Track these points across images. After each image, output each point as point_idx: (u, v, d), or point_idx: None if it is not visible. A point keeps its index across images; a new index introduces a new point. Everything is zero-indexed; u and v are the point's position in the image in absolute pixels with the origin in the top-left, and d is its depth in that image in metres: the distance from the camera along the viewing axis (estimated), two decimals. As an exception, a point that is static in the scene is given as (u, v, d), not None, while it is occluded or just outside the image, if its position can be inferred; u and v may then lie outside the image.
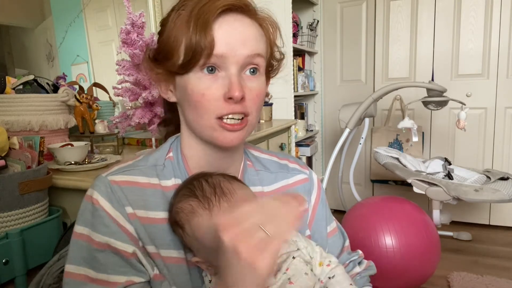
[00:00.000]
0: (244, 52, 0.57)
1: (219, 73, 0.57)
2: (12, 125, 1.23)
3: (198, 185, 0.58)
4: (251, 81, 0.59)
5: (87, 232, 0.58)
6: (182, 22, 0.57)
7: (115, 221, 0.57)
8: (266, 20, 0.62)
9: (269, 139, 2.08)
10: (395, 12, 2.81)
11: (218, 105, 0.57)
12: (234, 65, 0.57)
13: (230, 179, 0.60)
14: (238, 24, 0.57)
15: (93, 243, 0.57)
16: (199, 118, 0.59)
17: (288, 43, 2.48)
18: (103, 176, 0.60)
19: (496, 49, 2.58)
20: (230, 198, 0.56)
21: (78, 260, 0.58)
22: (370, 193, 3.10)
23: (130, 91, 1.18)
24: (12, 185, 0.95)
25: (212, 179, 0.59)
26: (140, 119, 1.17)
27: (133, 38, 1.11)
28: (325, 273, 0.64)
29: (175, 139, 0.68)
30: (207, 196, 0.56)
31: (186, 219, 0.56)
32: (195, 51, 0.55)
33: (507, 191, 1.96)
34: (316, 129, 3.23)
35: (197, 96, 0.57)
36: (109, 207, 0.58)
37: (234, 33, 0.57)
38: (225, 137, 0.58)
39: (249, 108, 0.58)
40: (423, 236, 1.78)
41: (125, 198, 0.58)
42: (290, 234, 0.46)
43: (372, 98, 2.28)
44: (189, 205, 0.57)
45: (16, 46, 1.58)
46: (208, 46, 0.55)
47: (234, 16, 0.58)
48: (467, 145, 2.75)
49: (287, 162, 0.76)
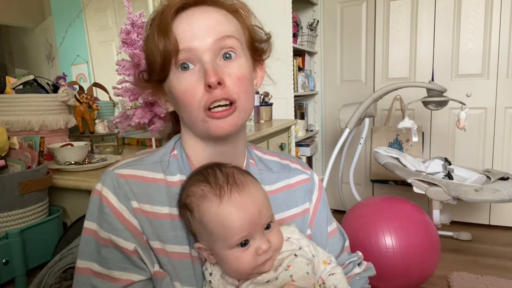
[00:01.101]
0: (210, 38, 0.57)
1: (194, 67, 0.58)
2: (12, 125, 1.23)
3: (212, 172, 0.59)
4: (229, 66, 0.58)
5: (94, 227, 0.59)
6: (152, 35, 0.59)
7: (120, 216, 0.58)
8: (234, 5, 0.62)
9: (269, 139, 2.08)
10: (395, 12, 2.81)
11: (200, 97, 0.57)
12: (205, 54, 0.57)
13: (244, 172, 0.61)
14: (198, 15, 0.58)
15: (99, 238, 0.59)
16: (189, 115, 0.59)
17: (288, 43, 2.48)
18: (110, 170, 0.61)
19: (496, 49, 2.58)
20: (242, 189, 0.57)
21: (85, 254, 0.59)
22: (370, 193, 3.10)
23: (130, 91, 1.18)
24: (12, 185, 0.95)
25: (227, 169, 0.59)
26: (140, 119, 1.17)
27: (133, 38, 1.11)
28: (327, 271, 0.65)
29: (179, 138, 0.68)
30: (220, 184, 0.57)
31: (196, 203, 0.57)
32: (165, 54, 0.57)
33: (507, 191, 1.95)
34: (316, 129, 3.23)
35: (181, 94, 0.58)
36: (115, 201, 0.59)
37: (195, 24, 0.57)
38: (216, 126, 0.58)
39: (234, 93, 0.57)
40: (423, 236, 1.78)
41: (131, 192, 0.59)
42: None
43: (372, 98, 2.28)
44: (200, 190, 0.57)
45: (16, 46, 1.58)
46: (174, 45, 0.57)
47: (193, 10, 0.59)
48: (467, 145, 2.75)
49: (289, 162, 0.76)
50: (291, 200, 0.72)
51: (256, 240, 0.56)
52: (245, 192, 0.57)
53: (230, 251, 0.56)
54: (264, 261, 0.57)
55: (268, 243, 0.57)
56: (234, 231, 0.55)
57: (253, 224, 0.56)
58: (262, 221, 0.57)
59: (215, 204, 0.56)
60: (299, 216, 0.72)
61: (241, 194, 0.56)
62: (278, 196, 0.71)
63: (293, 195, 0.72)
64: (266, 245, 0.56)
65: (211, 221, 0.56)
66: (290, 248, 0.61)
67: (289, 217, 0.71)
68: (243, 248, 0.56)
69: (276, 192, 0.71)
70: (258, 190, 0.59)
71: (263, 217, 0.57)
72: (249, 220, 0.55)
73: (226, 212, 0.55)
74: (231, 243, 0.55)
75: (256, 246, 0.56)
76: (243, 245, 0.56)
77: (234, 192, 0.56)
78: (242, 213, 0.55)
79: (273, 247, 0.58)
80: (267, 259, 0.57)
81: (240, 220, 0.55)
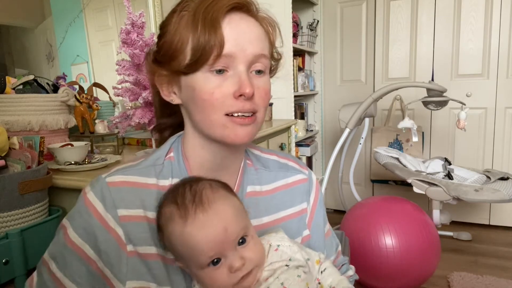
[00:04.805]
0: (252, 51, 0.57)
1: (227, 72, 0.57)
2: (12, 125, 1.23)
3: (182, 191, 0.57)
4: (259, 80, 0.59)
5: (68, 227, 0.60)
6: (187, 23, 0.57)
7: (103, 224, 0.58)
8: (265, 20, 0.62)
9: (269, 139, 2.08)
10: (395, 12, 2.81)
11: (227, 102, 0.56)
12: (243, 64, 0.57)
13: (216, 186, 0.58)
14: (244, 23, 0.57)
15: (68, 240, 0.59)
16: (207, 117, 0.58)
17: (288, 43, 2.48)
18: (102, 177, 0.60)
19: (496, 49, 2.58)
20: (207, 208, 0.54)
21: (51, 249, 0.62)
22: (370, 193, 3.10)
23: (130, 91, 1.18)
24: (12, 185, 0.95)
25: (197, 186, 0.57)
26: (140, 119, 1.17)
27: (133, 38, 1.11)
28: (320, 270, 0.64)
29: (176, 139, 0.67)
30: (186, 204, 0.55)
31: (165, 225, 0.56)
32: (204, 50, 0.54)
33: (507, 191, 1.95)
34: (316, 129, 3.23)
35: (206, 95, 0.56)
36: (101, 209, 0.58)
37: (242, 32, 0.57)
38: (236, 133, 0.58)
39: (258, 105, 0.59)
40: (423, 236, 1.78)
41: (120, 200, 0.58)
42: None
43: (372, 98, 2.28)
44: (168, 211, 0.56)
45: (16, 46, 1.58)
46: (218, 44, 0.54)
47: (240, 15, 0.58)
48: (467, 145, 2.75)
49: (287, 161, 0.76)
50: (288, 200, 0.72)
51: (228, 258, 0.54)
52: (210, 210, 0.54)
53: (202, 270, 0.55)
54: (241, 278, 0.55)
55: (241, 260, 0.54)
56: (200, 252, 0.53)
57: (220, 243, 0.53)
58: (231, 238, 0.54)
59: (180, 226, 0.54)
60: (296, 216, 0.72)
61: (205, 213, 0.54)
62: (275, 196, 0.70)
63: (290, 194, 0.72)
64: (239, 263, 0.54)
65: (178, 243, 0.55)
66: (281, 258, 0.60)
67: (285, 216, 0.70)
68: (215, 267, 0.54)
69: (273, 191, 0.70)
70: (226, 205, 0.56)
71: (232, 234, 0.54)
72: (214, 239, 0.53)
73: (190, 234, 0.53)
74: (201, 264, 0.54)
75: (228, 264, 0.54)
76: (214, 263, 0.54)
77: (198, 212, 0.54)
78: (206, 233, 0.53)
79: (249, 263, 0.55)
80: (244, 276, 0.55)
81: (205, 240, 0.53)
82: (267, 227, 0.67)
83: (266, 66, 0.60)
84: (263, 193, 0.69)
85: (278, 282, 0.56)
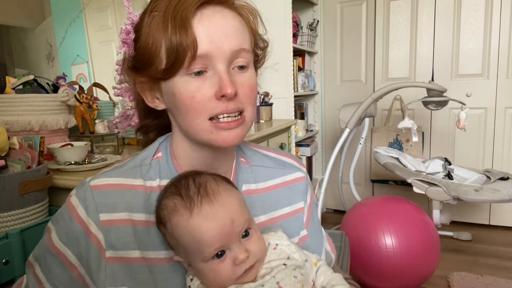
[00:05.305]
0: (229, 46, 0.53)
1: (207, 73, 0.54)
2: (12, 125, 1.23)
3: (185, 184, 0.56)
4: (241, 76, 0.56)
5: (52, 230, 0.60)
6: (158, 24, 0.53)
7: (85, 229, 0.57)
8: (244, 8, 0.58)
9: (269, 139, 2.08)
10: (395, 12, 2.81)
11: (210, 105, 0.54)
12: (221, 62, 0.53)
13: (219, 180, 0.58)
14: (218, 17, 0.54)
15: (51, 244, 0.59)
16: (191, 123, 0.55)
17: (288, 43, 2.48)
18: (86, 182, 0.59)
19: (496, 49, 2.58)
20: (213, 199, 0.54)
21: (36, 251, 0.62)
22: (370, 193, 3.10)
23: (130, 91, 1.18)
24: (12, 185, 0.95)
25: (200, 179, 0.56)
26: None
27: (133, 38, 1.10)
28: (316, 271, 0.64)
29: (164, 139, 0.66)
30: (190, 195, 0.54)
31: (168, 217, 0.55)
32: (178, 53, 0.51)
33: (507, 191, 1.95)
34: (316, 129, 3.23)
35: (187, 100, 0.54)
36: (83, 214, 0.57)
37: (216, 27, 0.53)
38: (223, 138, 0.55)
39: (244, 103, 0.56)
40: (423, 236, 1.78)
41: (103, 204, 0.57)
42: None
43: (372, 98, 2.28)
44: (172, 203, 0.55)
45: (16, 46, 1.58)
46: (191, 45, 0.51)
47: (212, 9, 0.54)
48: (467, 145, 2.75)
49: (285, 158, 0.74)
50: (285, 198, 0.70)
51: (233, 250, 0.54)
52: (216, 202, 0.54)
53: (206, 263, 0.54)
54: (244, 271, 0.54)
55: (246, 253, 0.54)
56: (206, 244, 0.52)
57: (226, 235, 0.53)
58: (237, 230, 0.54)
59: (186, 218, 0.53)
60: (292, 215, 0.70)
61: (211, 205, 0.53)
62: (271, 194, 0.69)
63: (287, 193, 0.70)
64: (244, 255, 0.53)
65: (183, 235, 0.54)
66: (279, 257, 0.59)
67: (282, 215, 0.69)
68: (219, 259, 0.54)
69: (269, 189, 0.69)
70: (231, 197, 0.56)
71: (237, 226, 0.54)
72: (221, 231, 0.52)
73: (196, 225, 0.52)
74: (206, 256, 0.53)
75: (232, 256, 0.54)
76: (219, 256, 0.54)
77: (204, 203, 0.53)
78: (213, 224, 0.52)
79: (253, 256, 0.55)
80: (247, 269, 0.54)
81: (211, 232, 0.52)
82: (264, 226, 0.66)
83: (248, 60, 0.56)
84: (258, 191, 0.68)
85: (274, 281, 0.56)
